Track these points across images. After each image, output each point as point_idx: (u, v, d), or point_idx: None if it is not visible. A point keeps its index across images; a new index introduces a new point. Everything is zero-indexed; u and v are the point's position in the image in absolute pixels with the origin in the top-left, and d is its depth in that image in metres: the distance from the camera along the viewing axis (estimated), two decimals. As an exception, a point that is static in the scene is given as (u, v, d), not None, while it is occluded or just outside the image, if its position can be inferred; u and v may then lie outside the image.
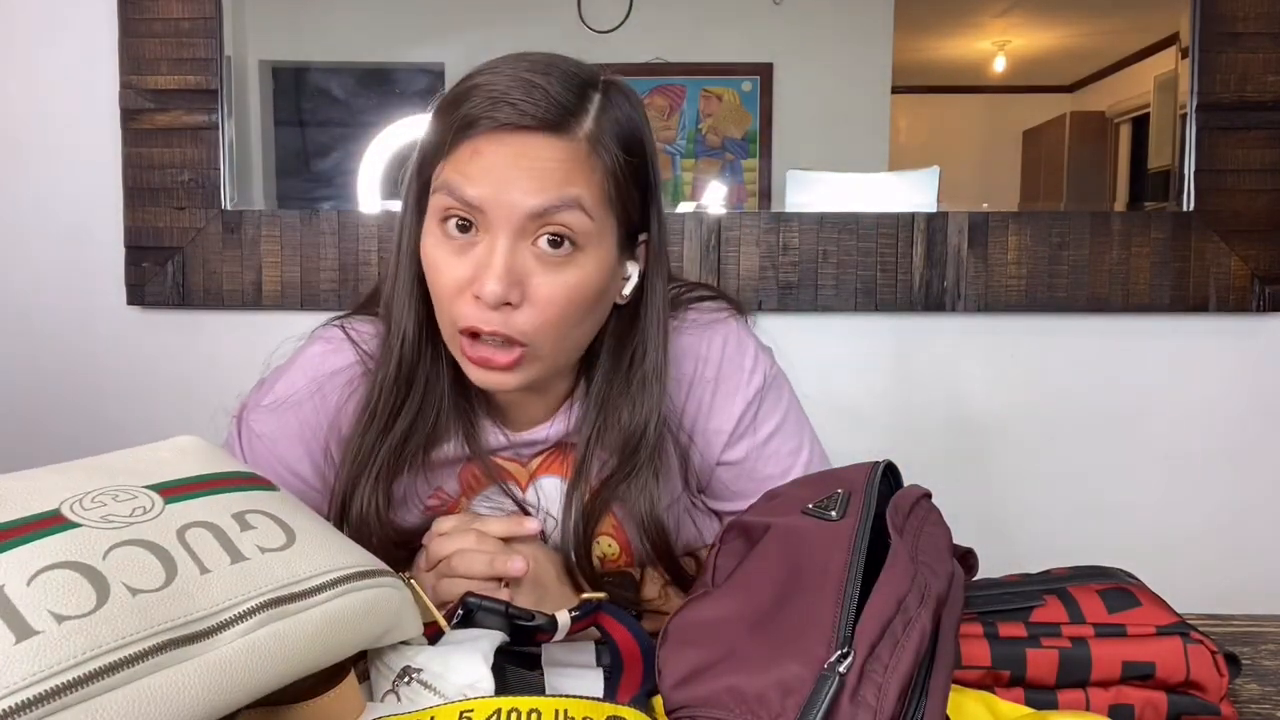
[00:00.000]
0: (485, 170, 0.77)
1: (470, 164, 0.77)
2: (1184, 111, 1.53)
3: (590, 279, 0.80)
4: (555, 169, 0.77)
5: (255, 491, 0.59)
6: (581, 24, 1.67)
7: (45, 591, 0.45)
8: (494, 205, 0.77)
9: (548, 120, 0.77)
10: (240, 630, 0.50)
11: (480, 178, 0.77)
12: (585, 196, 0.78)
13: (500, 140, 0.77)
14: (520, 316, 0.78)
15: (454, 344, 0.82)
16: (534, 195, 0.77)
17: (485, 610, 0.68)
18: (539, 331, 0.79)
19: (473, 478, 0.93)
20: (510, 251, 0.77)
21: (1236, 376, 1.57)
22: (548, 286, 0.78)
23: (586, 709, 0.53)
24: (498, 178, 0.77)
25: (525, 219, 0.77)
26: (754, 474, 0.95)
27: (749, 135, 1.72)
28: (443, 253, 0.80)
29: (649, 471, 0.88)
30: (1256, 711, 0.71)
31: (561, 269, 0.79)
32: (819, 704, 0.50)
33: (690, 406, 0.93)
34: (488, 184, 0.77)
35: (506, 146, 0.77)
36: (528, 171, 0.77)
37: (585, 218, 0.78)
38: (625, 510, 0.90)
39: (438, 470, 0.92)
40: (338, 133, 1.72)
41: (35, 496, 0.51)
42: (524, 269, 0.78)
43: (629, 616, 0.75)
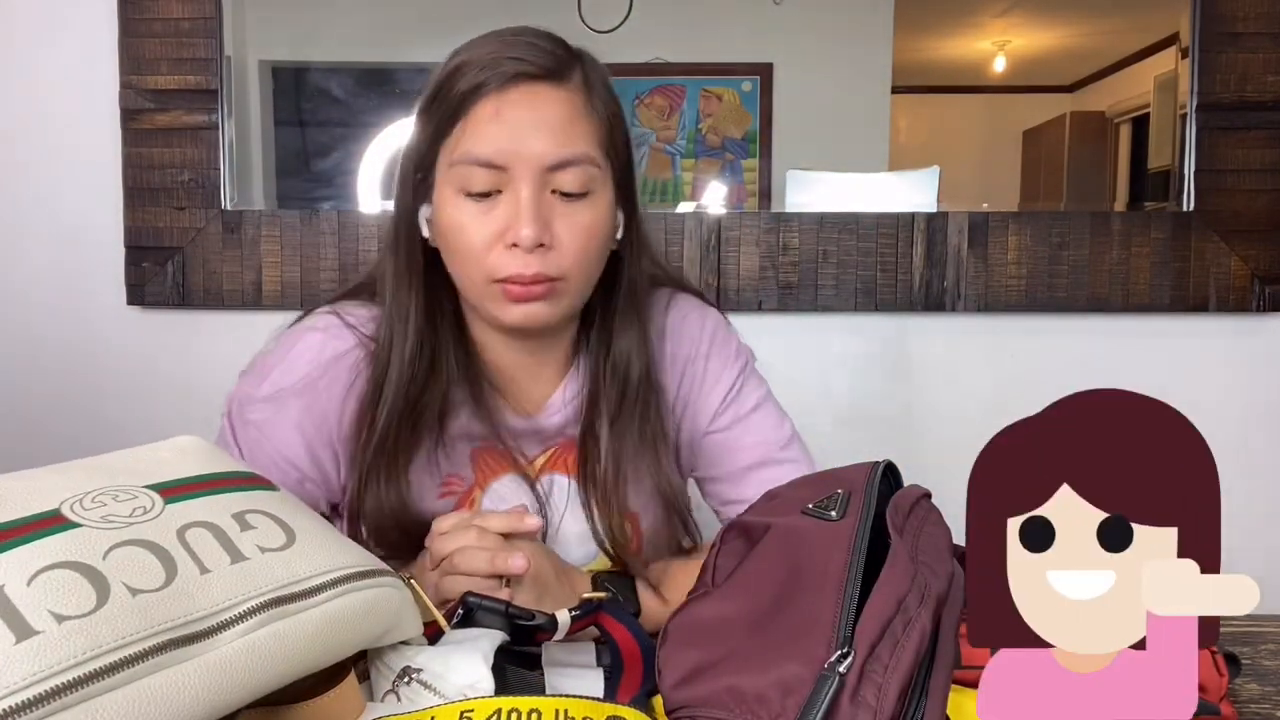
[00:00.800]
0: (502, 128, 0.84)
1: (488, 127, 0.84)
2: (1184, 111, 1.53)
3: (602, 217, 0.89)
4: (565, 122, 0.85)
5: (255, 491, 0.59)
6: (581, 24, 1.67)
7: (45, 591, 0.45)
8: (515, 159, 0.84)
9: (548, 68, 0.85)
10: (240, 630, 0.50)
11: (498, 135, 0.84)
12: (590, 147, 0.87)
13: (510, 95, 0.84)
14: (554, 256, 0.85)
15: (487, 298, 0.87)
16: (552, 149, 0.84)
17: (485, 610, 0.68)
18: (571, 265, 0.86)
19: (486, 463, 0.95)
20: (535, 200, 0.84)
21: (1236, 376, 1.57)
22: (571, 227, 0.86)
23: (586, 709, 0.53)
24: (515, 133, 0.84)
25: (545, 170, 0.84)
26: (739, 443, 1.01)
27: (749, 135, 1.72)
28: (467, 216, 0.86)
29: (645, 420, 0.95)
30: (1256, 711, 0.71)
31: (580, 210, 0.87)
32: (819, 704, 0.50)
33: (686, 381, 1.01)
34: (506, 140, 0.83)
35: (519, 98, 0.84)
36: (542, 125, 0.84)
37: (594, 167, 0.87)
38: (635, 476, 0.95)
39: (453, 451, 0.94)
40: (338, 133, 1.72)
41: (35, 496, 0.51)
42: (549, 213, 0.85)
43: (629, 616, 0.75)
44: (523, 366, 0.96)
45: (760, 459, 1.02)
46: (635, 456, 0.95)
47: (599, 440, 0.95)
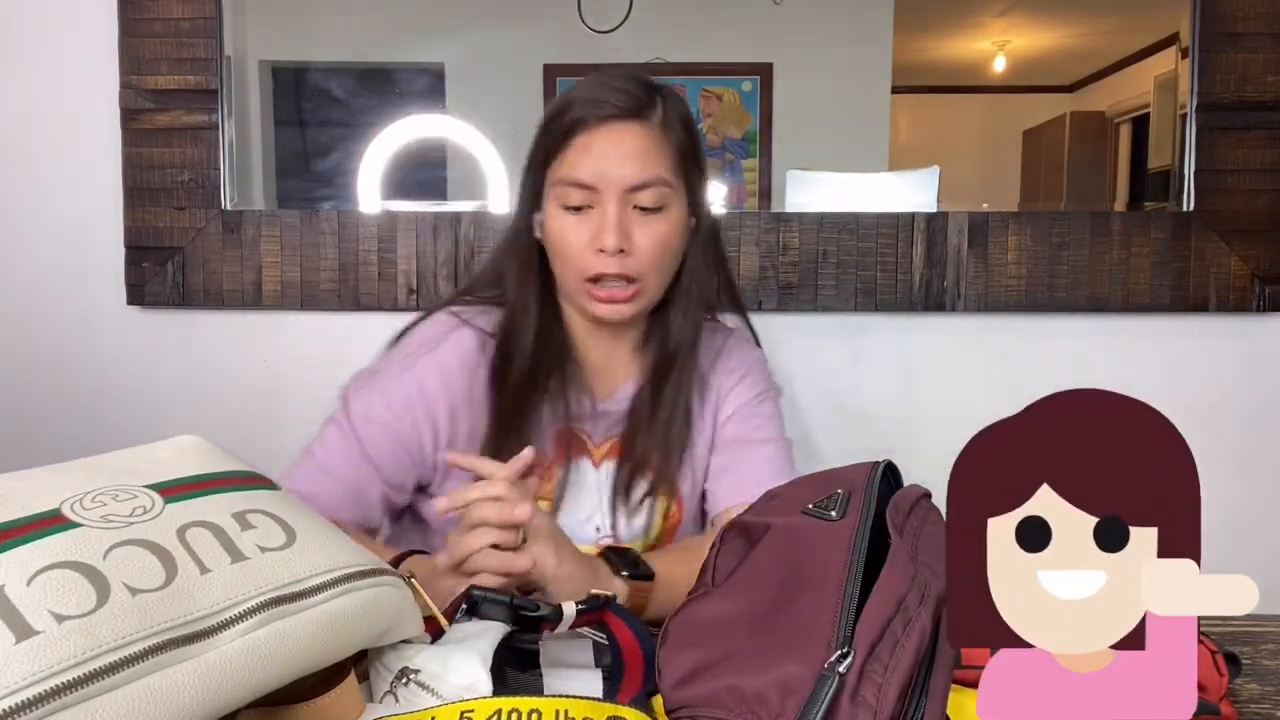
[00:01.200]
0: (594, 157, 1.04)
1: (582, 156, 1.05)
2: (1184, 111, 1.53)
3: (674, 229, 1.08)
4: (643, 151, 1.05)
5: (256, 491, 0.59)
6: (582, 24, 1.67)
7: (45, 591, 0.45)
8: (603, 182, 1.04)
9: (631, 108, 1.05)
10: (240, 630, 0.50)
11: (591, 164, 1.04)
12: (665, 171, 1.06)
13: (600, 130, 1.05)
14: (632, 260, 1.05)
15: (581, 294, 1.07)
16: (632, 174, 1.04)
17: (490, 602, 0.68)
18: (648, 268, 1.06)
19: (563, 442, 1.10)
20: (619, 214, 1.04)
21: (1236, 376, 1.57)
22: (647, 237, 1.05)
23: (587, 709, 0.53)
24: (604, 162, 1.04)
25: (626, 191, 1.04)
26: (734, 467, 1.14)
27: (749, 135, 1.72)
28: (568, 226, 1.06)
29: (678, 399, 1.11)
30: (1256, 711, 0.71)
31: (656, 222, 1.06)
32: (819, 704, 0.50)
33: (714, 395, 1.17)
34: (597, 167, 1.04)
35: (607, 133, 1.05)
36: (625, 155, 1.04)
37: (667, 187, 1.06)
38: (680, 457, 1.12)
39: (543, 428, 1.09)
40: (338, 133, 1.72)
41: (35, 496, 0.51)
42: (629, 225, 1.05)
43: (633, 616, 0.75)
44: (601, 352, 1.13)
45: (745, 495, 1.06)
46: (679, 437, 1.11)
47: (654, 420, 1.11)
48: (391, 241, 1.56)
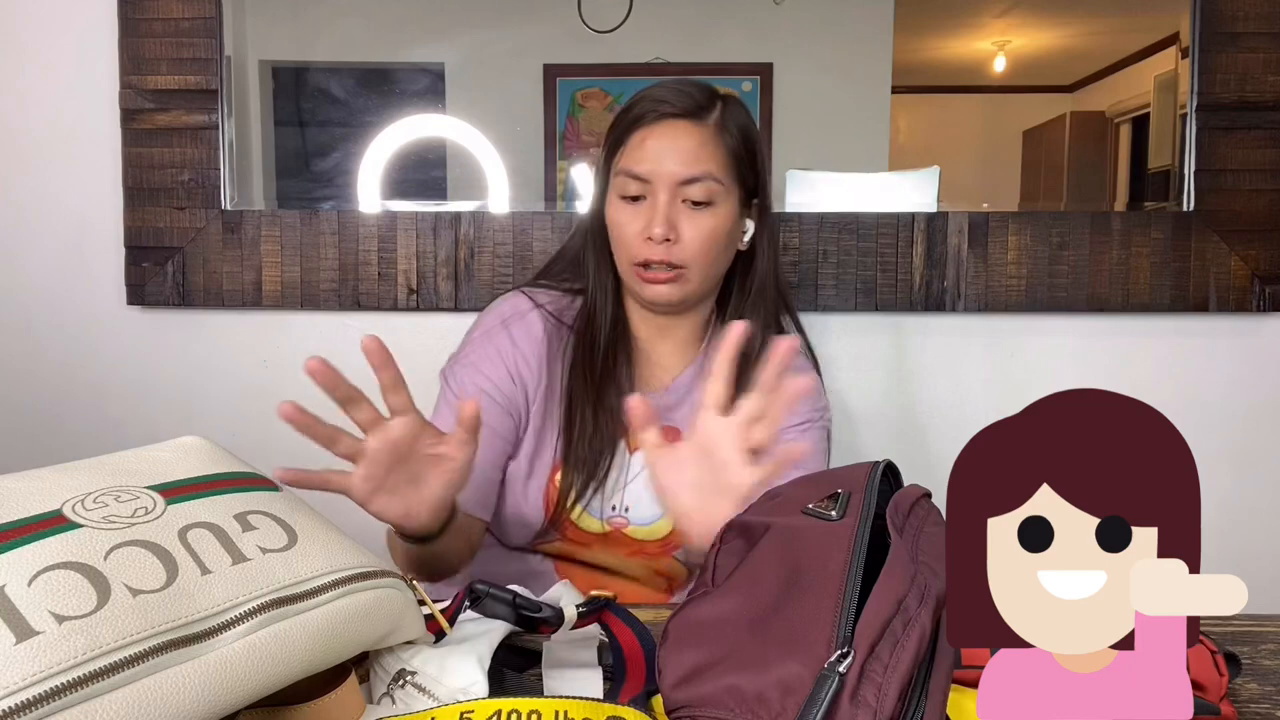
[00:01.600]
0: (649, 152, 1.13)
1: (639, 150, 1.14)
2: (1184, 111, 1.53)
3: (721, 224, 1.14)
4: (695, 150, 1.13)
5: (257, 492, 0.59)
6: (582, 24, 1.67)
7: (46, 592, 0.45)
8: (656, 176, 1.12)
9: (688, 109, 1.14)
10: (241, 631, 0.50)
11: (647, 159, 1.13)
12: (715, 169, 1.13)
13: (658, 129, 1.14)
14: (678, 249, 1.13)
15: (631, 276, 1.16)
16: (682, 169, 1.12)
17: (492, 598, 0.68)
18: (692, 258, 1.13)
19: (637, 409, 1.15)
20: (668, 205, 1.12)
21: (1236, 376, 1.57)
22: (693, 229, 1.13)
23: (586, 709, 0.53)
24: (658, 156, 1.13)
25: (676, 184, 1.12)
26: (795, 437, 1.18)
27: (749, 135, 1.72)
28: (624, 214, 1.15)
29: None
30: (1256, 711, 0.71)
31: (702, 217, 1.13)
32: (819, 704, 0.50)
33: None
34: (651, 162, 1.13)
35: (662, 132, 1.14)
36: (678, 151, 1.13)
37: (715, 184, 1.13)
38: None
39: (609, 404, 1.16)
40: (338, 133, 1.72)
41: (37, 497, 0.51)
42: (677, 217, 1.13)
43: (633, 616, 0.75)
44: (656, 341, 1.22)
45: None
46: None
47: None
48: (391, 241, 1.56)
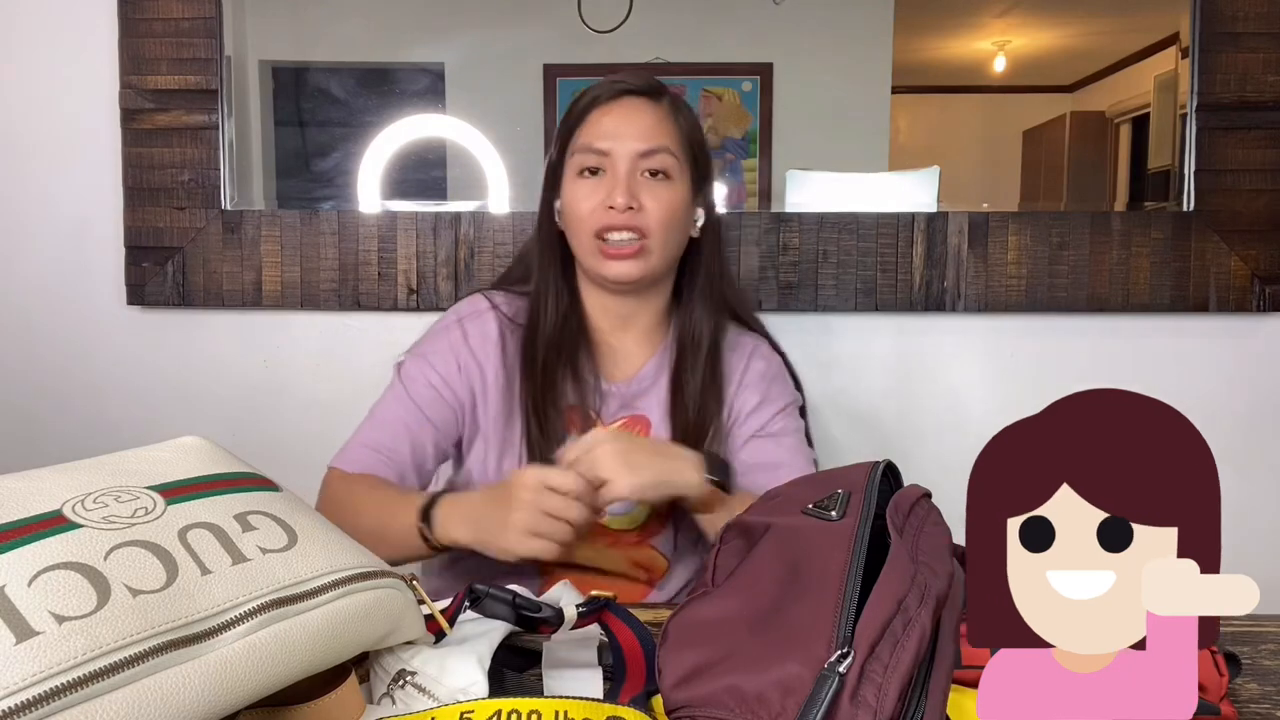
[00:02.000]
0: (609, 127, 1.15)
1: (598, 125, 1.15)
2: (1184, 111, 1.53)
3: (679, 199, 1.16)
4: (653, 125, 1.15)
5: (257, 492, 0.59)
6: (582, 24, 1.67)
7: (46, 592, 0.45)
8: (615, 148, 1.14)
9: (645, 89, 1.17)
10: (241, 631, 0.50)
11: (606, 132, 1.15)
12: (672, 144, 1.16)
13: (615, 105, 1.16)
14: (641, 215, 1.13)
15: (592, 254, 1.15)
16: (641, 141, 1.14)
17: (492, 599, 0.68)
18: (656, 225, 1.14)
19: (572, 419, 1.17)
20: (629, 176, 1.13)
21: (1236, 376, 1.57)
22: (655, 199, 1.14)
23: (586, 709, 0.53)
24: (616, 130, 1.14)
25: (636, 157, 1.14)
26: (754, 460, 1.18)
27: (749, 135, 1.72)
28: (581, 189, 1.15)
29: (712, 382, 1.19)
30: (1256, 711, 0.71)
31: (661, 189, 1.14)
32: (819, 704, 0.50)
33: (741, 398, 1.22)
34: (611, 136, 1.14)
35: (620, 107, 1.16)
36: (636, 123, 1.15)
37: (672, 158, 1.15)
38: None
39: (563, 404, 1.17)
40: (338, 133, 1.72)
41: (37, 497, 0.51)
42: (638, 186, 1.14)
43: (633, 616, 0.75)
44: (618, 332, 1.21)
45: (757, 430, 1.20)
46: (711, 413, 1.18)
47: (685, 393, 1.18)
48: (391, 241, 1.56)
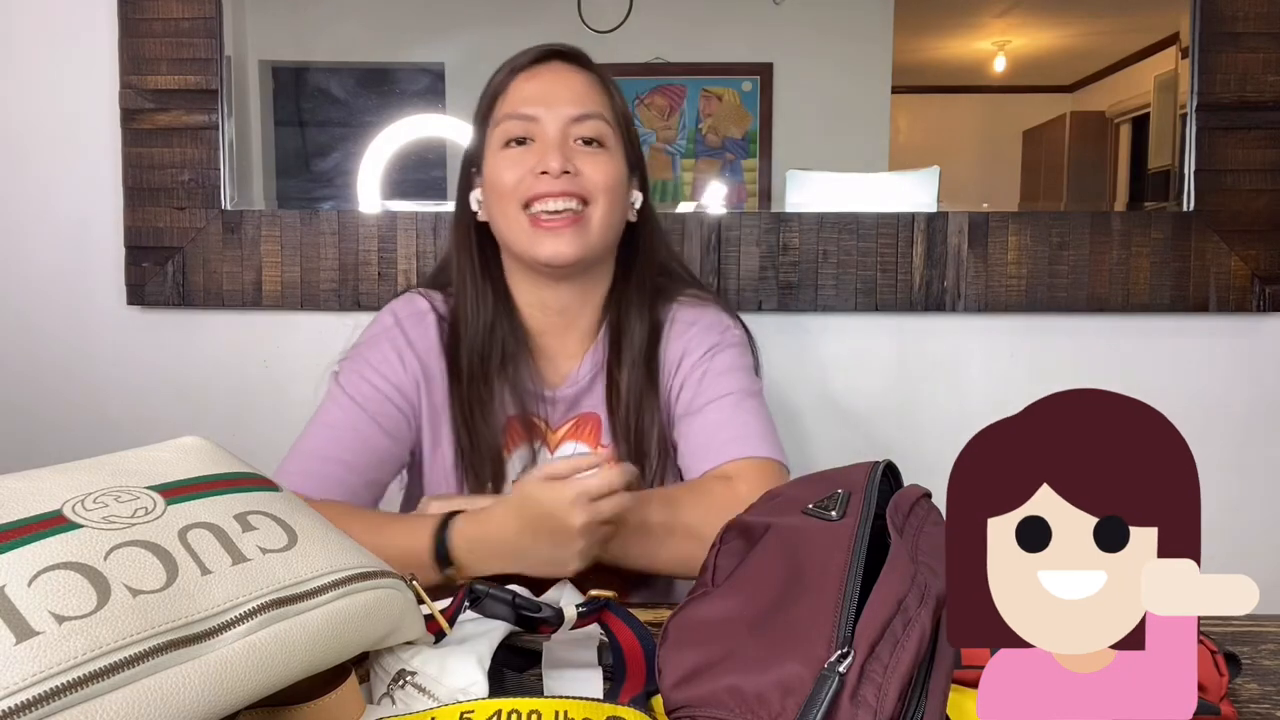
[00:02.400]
0: (537, 90, 1.05)
1: (522, 90, 1.05)
2: (1184, 111, 1.53)
3: (617, 168, 1.06)
4: (584, 91, 1.06)
5: (257, 492, 0.59)
6: (581, 24, 1.67)
7: (46, 592, 0.45)
8: (544, 109, 1.04)
9: (575, 56, 1.08)
10: (241, 631, 0.50)
11: (532, 97, 1.05)
12: (605, 112, 1.06)
13: (540, 68, 1.06)
14: (579, 180, 1.02)
15: (522, 230, 1.03)
16: (573, 105, 1.04)
17: (492, 599, 0.68)
18: (596, 190, 1.03)
19: (514, 430, 1.09)
20: (561, 140, 1.03)
21: (1236, 376, 1.57)
22: (592, 165, 1.04)
23: (586, 709, 0.53)
24: (545, 95, 1.05)
25: (568, 121, 1.04)
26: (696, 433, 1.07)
27: (749, 135, 1.72)
28: (507, 160, 1.04)
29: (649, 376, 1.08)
30: (1256, 711, 0.71)
31: (598, 156, 1.05)
32: (819, 704, 0.50)
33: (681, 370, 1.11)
34: (540, 99, 1.04)
35: (549, 71, 1.06)
36: (567, 87, 1.05)
37: (606, 126, 1.06)
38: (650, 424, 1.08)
39: (498, 414, 1.08)
40: (338, 133, 1.72)
41: (37, 497, 0.51)
42: (572, 152, 1.03)
43: (633, 616, 0.75)
44: (554, 333, 1.11)
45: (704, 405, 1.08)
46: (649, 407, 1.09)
47: (621, 392, 1.08)
48: (391, 241, 1.56)
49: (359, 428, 1.06)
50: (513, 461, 1.09)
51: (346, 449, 1.04)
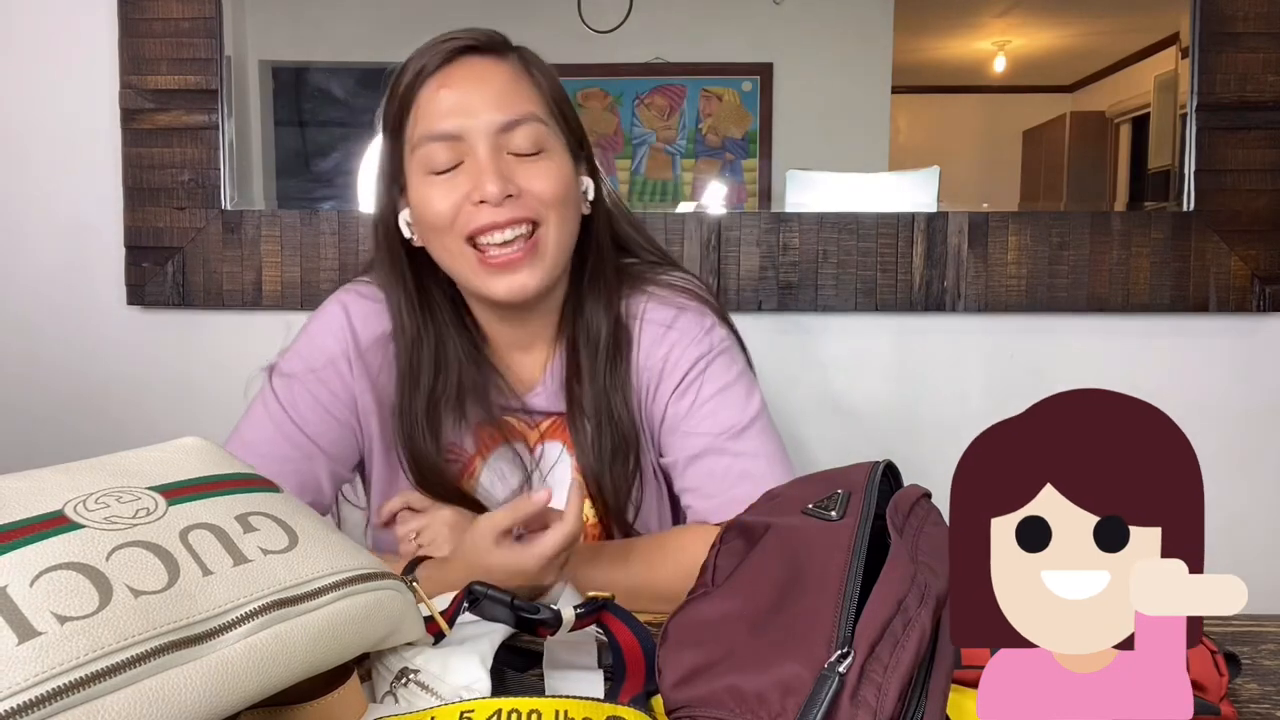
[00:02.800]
0: (454, 99, 0.90)
1: (435, 102, 0.90)
2: (1184, 111, 1.53)
3: (562, 171, 0.93)
4: (507, 89, 0.91)
5: (258, 493, 0.59)
6: (581, 24, 1.67)
7: (48, 593, 0.46)
8: (468, 126, 0.90)
9: (485, 43, 0.93)
10: (242, 632, 0.50)
11: (448, 107, 0.90)
12: (538, 109, 0.93)
13: (453, 70, 0.91)
14: (524, 201, 0.90)
15: (469, 267, 0.92)
16: (500, 111, 0.90)
17: (491, 600, 0.68)
18: (546, 209, 0.91)
19: (486, 435, 1.00)
20: (494, 158, 0.90)
21: (1236, 376, 1.57)
22: (534, 176, 0.91)
23: (586, 709, 0.53)
24: (463, 102, 0.90)
25: (497, 131, 0.90)
26: (694, 429, 0.98)
27: (749, 135, 1.72)
28: (434, 189, 0.91)
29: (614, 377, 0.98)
30: (1256, 711, 0.71)
31: (538, 165, 0.92)
32: (819, 704, 0.50)
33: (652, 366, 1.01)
34: (456, 110, 0.90)
35: (461, 71, 0.91)
36: (488, 91, 0.91)
37: (541, 126, 0.92)
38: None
39: (462, 427, 1.00)
40: (338, 133, 1.72)
41: (38, 497, 0.51)
42: (509, 169, 0.90)
43: (633, 616, 0.75)
44: (516, 344, 1.01)
45: (705, 448, 0.98)
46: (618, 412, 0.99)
47: (583, 407, 0.99)
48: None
49: (294, 448, 0.98)
50: (490, 464, 1.01)
51: (275, 465, 0.95)
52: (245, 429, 1.01)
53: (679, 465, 0.99)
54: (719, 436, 0.97)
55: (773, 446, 0.99)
